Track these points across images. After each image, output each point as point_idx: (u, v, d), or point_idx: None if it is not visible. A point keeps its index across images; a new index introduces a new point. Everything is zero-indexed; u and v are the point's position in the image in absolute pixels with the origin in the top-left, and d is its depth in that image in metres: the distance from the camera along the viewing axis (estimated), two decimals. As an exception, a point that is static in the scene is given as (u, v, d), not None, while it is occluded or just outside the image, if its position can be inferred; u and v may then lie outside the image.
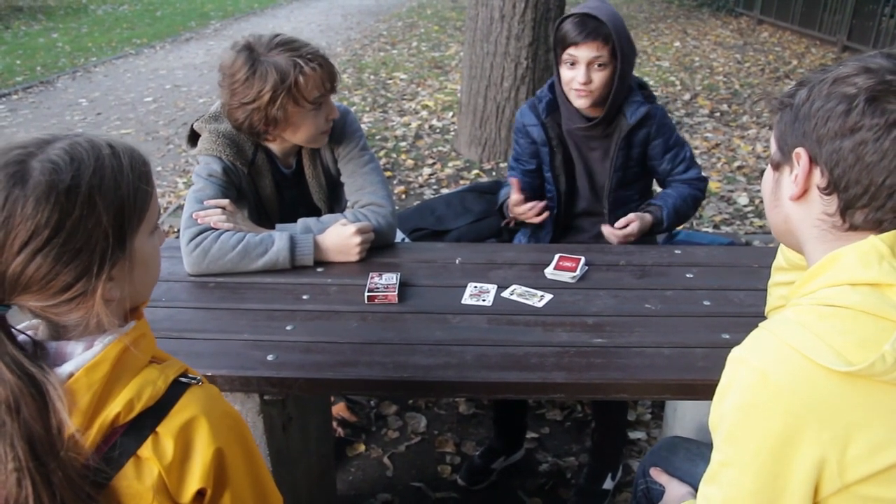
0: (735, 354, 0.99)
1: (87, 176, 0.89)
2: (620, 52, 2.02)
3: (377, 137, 5.96)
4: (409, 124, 6.31)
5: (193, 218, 1.83)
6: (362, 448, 2.57)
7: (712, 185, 4.80)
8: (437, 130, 6.13)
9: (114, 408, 0.89)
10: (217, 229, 1.82)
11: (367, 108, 6.86)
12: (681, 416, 1.97)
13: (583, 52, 2.00)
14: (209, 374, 1.43)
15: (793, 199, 1.02)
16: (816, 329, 0.91)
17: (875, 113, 0.91)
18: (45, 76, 8.49)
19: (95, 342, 0.92)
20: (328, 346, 1.52)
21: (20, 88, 7.92)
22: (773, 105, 1.07)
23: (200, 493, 0.94)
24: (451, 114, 6.51)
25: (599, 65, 2.02)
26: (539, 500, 2.35)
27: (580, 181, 2.29)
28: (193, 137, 1.99)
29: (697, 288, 1.76)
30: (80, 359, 0.90)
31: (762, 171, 5.69)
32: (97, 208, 0.89)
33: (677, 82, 7.51)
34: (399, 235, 2.49)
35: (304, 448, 1.84)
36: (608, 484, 2.34)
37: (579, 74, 2.03)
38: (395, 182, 5.04)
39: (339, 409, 2.65)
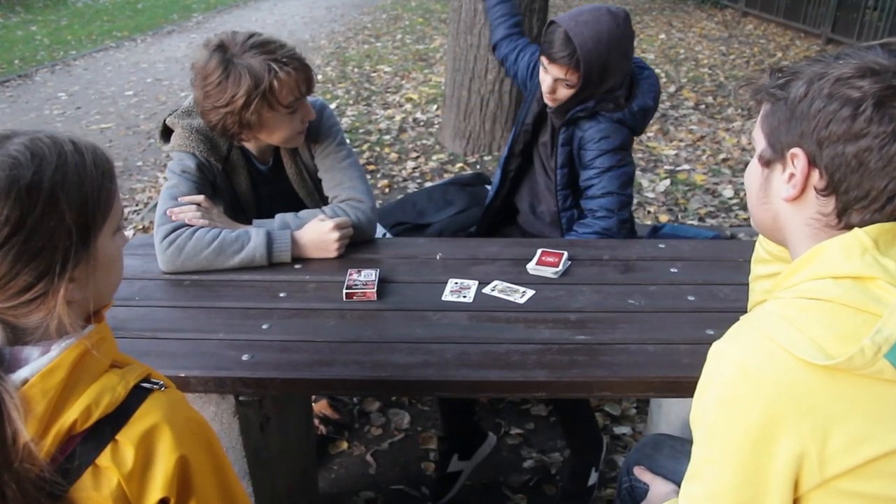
0: (715, 348, 0.97)
1: (49, 172, 0.85)
2: (587, 80, 2.02)
3: (360, 131, 5.91)
4: (393, 117, 6.26)
5: (167, 215, 1.78)
6: (345, 446, 2.53)
7: (697, 178, 4.80)
8: (422, 123, 6.09)
9: (70, 415, 0.85)
10: (192, 226, 1.78)
11: (351, 102, 6.79)
12: (666, 412, 1.95)
13: (553, 70, 2.05)
14: (182, 374, 1.39)
15: (788, 200, 0.99)
16: (797, 322, 0.89)
17: (882, 120, 0.88)
18: (23, 69, 8.36)
19: (52, 347, 0.88)
20: (305, 344, 1.48)
21: (-3, 82, 7.80)
22: (760, 95, 1.03)
23: (164, 503, 0.91)
24: (435, 107, 6.46)
25: (566, 85, 2.06)
26: (523, 497, 2.33)
27: (539, 146, 2.33)
28: (166, 133, 1.95)
29: (682, 283, 1.73)
30: (36, 364, 0.86)
31: (747, 164, 5.70)
32: (60, 206, 0.85)
33: (662, 74, 7.49)
34: (380, 230, 2.45)
35: (284, 448, 1.80)
36: (592, 479, 2.32)
37: (545, 83, 2.09)
38: (378, 176, 4.99)
39: (321, 406, 2.61)
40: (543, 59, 2.07)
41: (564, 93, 2.07)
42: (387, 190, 4.77)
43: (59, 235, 0.86)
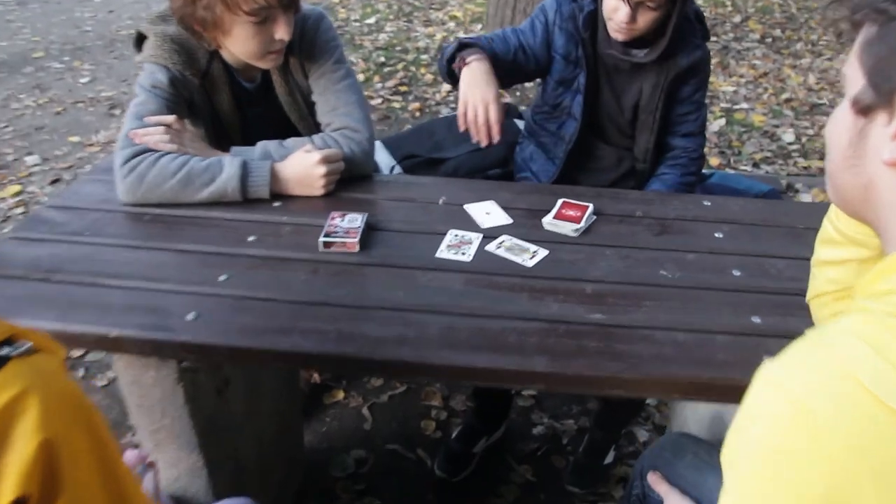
0: (768, 373, 0.68)
1: None
2: None
3: (397, 49, 5.56)
4: (434, 36, 5.88)
5: (130, 137, 1.54)
6: (341, 395, 2.34)
7: (755, 119, 4.38)
8: (463, 44, 5.70)
9: None
10: (157, 151, 1.53)
11: (391, 17, 6.42)
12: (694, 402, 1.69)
13: None
14: (113, 334, 1.17)
15: (893, 164, 0.69)
16: (888, 351, 0.61)
17: None
18: (58, -32, 8.10)
19: None
20: (263, 304, 1.24)
21: (31, -20, 7.56)
22: (862, 12, 0.72)
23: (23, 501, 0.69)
24: (479, 26, 6.05)
25: (650, 7, 1.64)
26: (528, 468, 2.11)
27: (606, 111, 1.93)
28: (141, 41, 1.68)
29: (726, 252, 1.44)
30: None
31: (813, 106, 5.18)
32: None
33: (728, 3, 6.90)
34: (388, 162, 2.19)
35: (252, 410, 1.60)
36: (610, 457, 2.09)
37: (620, 15, 1.65)
38: (410, 98, 4.69)
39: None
40: None
41: (647, 19, 1.66)
42: (417, 114, 4.47)
43: None
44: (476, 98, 1.63)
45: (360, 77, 4.95)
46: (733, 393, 1.12)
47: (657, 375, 1.12)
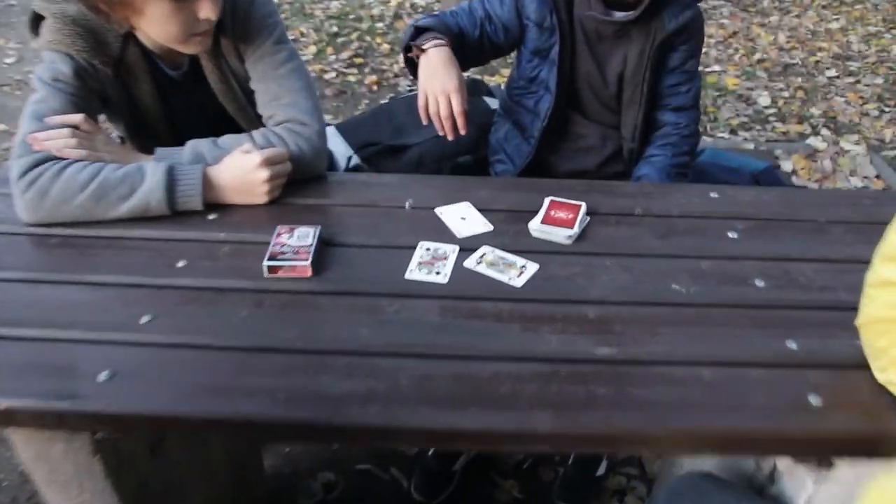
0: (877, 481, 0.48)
1: None
2: None
3: (350, 17, 5.25)
4: (389, 2, 5.58)
5: (29, 142, 1.27)
6: (304, 411, 2.11)
7: (729, 82, 4.20)
8: (420, 10, 5.42)
9: None
10: (64, 159, 1.27)
11: (342, -17, 6.07)
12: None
13: None
14: (4, 405, 0.92)
15: None
16: None
17: None
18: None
19: None
20: (196, 354, 1.00)
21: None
22: None
23: None
24: (436, -10, 5.76)
25: None
26: (514, 484, 1.92)
27: (588, 82, 1.72)
28: (37, 23, 1.40)
29: (744, 257, 1.23)
30: None
31: (786, 66, 5.03)
32: None
33: (691, -42, 6.68)
34: (345, 152, 1.94)
35: (197, 455, 1.37)
36: (602, 468, 1.91)
37: None
38: (366, 70, 4.40)
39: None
40: None
41: None
42: (375, 87, 4.20)
43: None
44: (436, 88, 1.44)
45: (312, 49, 4.65)
46: (776, 446, 0.93)
47: (684, 428, 0.91)
